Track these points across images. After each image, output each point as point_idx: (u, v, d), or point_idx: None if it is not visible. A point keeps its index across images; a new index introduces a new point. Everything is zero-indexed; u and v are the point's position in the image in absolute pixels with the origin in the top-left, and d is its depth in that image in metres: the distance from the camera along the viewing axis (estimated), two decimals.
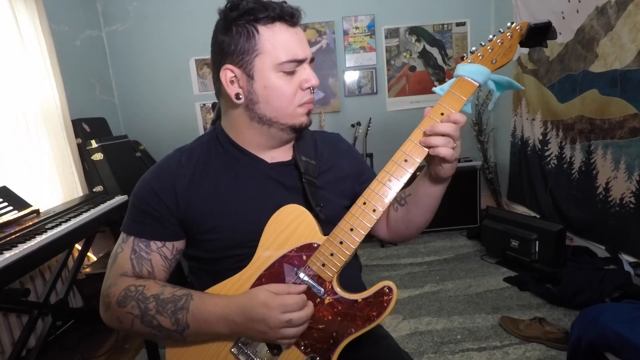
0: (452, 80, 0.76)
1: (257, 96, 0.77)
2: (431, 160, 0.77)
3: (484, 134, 3.54)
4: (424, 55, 3.52)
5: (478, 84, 0.75)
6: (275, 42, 0.74)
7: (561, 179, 2.71)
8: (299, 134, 0.86)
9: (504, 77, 0.77)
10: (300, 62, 0.77)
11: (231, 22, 0.74)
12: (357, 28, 3.44)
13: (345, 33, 3.44)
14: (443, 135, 0.71)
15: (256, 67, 0.75)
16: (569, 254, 2.39)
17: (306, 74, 0.78)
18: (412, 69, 3.54)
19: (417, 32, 3.47)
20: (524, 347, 1.77)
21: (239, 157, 0.84)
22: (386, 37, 3.47)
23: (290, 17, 0.75)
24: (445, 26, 3.48)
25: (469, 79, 0.74)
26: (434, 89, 0.78)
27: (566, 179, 2.65)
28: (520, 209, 3.25)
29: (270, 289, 0.72)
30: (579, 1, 2.36)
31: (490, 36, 0.76)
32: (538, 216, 2.88)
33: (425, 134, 0.73)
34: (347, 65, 3.50)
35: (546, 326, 1.80)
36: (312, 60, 0.80)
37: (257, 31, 0.73)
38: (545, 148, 2.88)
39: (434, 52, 3.51)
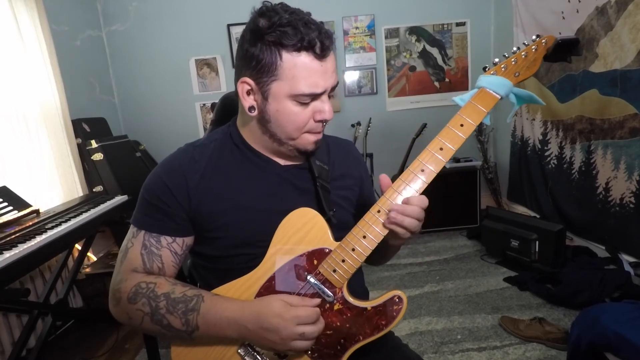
0: (474, 91, 0.75)
1: (269, 116, 0.76)
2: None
3: (484, 134, 3.54)
4: (424, 55, 3.52)
5: (500, 97, 0.73)
6: (296, 72, 0.70)
7: (561, 179, 2.71)
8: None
9: (526, 90, 0.76)
10: (318, 95, 0.75)
11: (258, 37, 0.70)
12: (357, 28, 3.44)
13: (345, 33, 3.44)
14: (411, 217, 0.71)
15: (272, 90, 0.73)
16: (569, 254, 2.39)
17: (321, 106, 0.76)
18: (412, 69, 3.54)
19: (417, 32, 3.47)
20: (524, 347, 1.76)
21: (252, 158, 0.84)
22: (386, 37, 3.47)
23: (319, 50, 0.70)
24: (445, 26, 3.48)
25: (491, 91, 0.73)
26: (453, 98, 0.77)
27: (566, 179, 2.65)
28: (520, 209, 3.25)
29: (284, 299, 0.72)
30: (579, 1, 2.36)
31: (514, 48, 0.75)
32: (538, 216, 2.88)
33: (394, 212, 0.71)
34: (347, 65, 3.50)
35: (546, 326, 1.80)
36: (334, 87, 0.77)
37: (281, 57, 0.70)
38: (545, 148, 2.88)
39: (434, 52, 3.51)
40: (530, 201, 3.13)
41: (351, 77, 3.53)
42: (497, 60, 0.76)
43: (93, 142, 2.53)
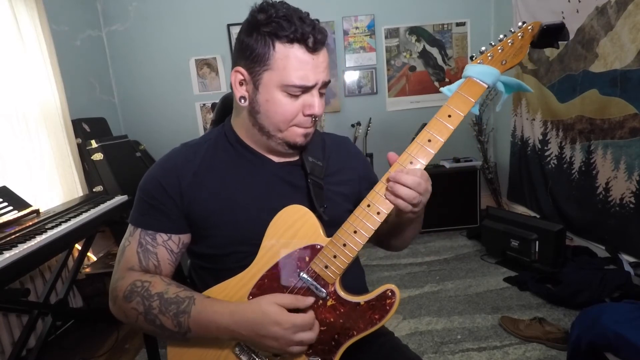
0: (461, 81, 0.75)
1: (258, 106, 0.77)
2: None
3: (484, 134, 3.54)
4: (424, 55, 3.52)
5: (487, 86, 0.73)
6: (288, 63, 0.72)
7: (561, 179, 2.71)
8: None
9: (514, 79, 0.76)
10: (308, 88, 0.75)
11: (254, 27, 0.73)
12: (357, 28, 3.44)
13: (345, 33, 3.44)
14: (408, 187, 0.70)
15: (263, 80, 0.74)
16: (569, 254, 2.39)
17: (311, 100, 0.76)
18: (412, 69, 3.54)
19: (417, 32, 3.47)
20: (524, 347, 1.76)
21: (246, 155, 0.84)
22: (386, 37, 3.47)
23: (312, 44, 0.72)
24: (445, 26, 3.48)
25: (478, 80, 0.73)
26: (441, 89, 0.77)
27: (566, 179, 2.65)
28: (520, 209, 3.25)
29: (278, 301, 0.71)
30: (579, 1, 2.36)
31: (501, 36, 0.74)
32: (538, 216, 2.88)
33: (390, 181, 0.71)
34: (347, 65, 3.50)
35: (546, 326, 1.80)
36: (326, 84, 0.77)
37: (274, 47, 0.72)
38: (545, 148, 2.88)
39: (434, 52, 3.51)
40: (530, 201, 3.13)
41: (351, 77, 3.53)
42: (483, 48, 0.75)
43: (93, 142, 2.52)
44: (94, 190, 2.52)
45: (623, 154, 2.15)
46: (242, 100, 0.78)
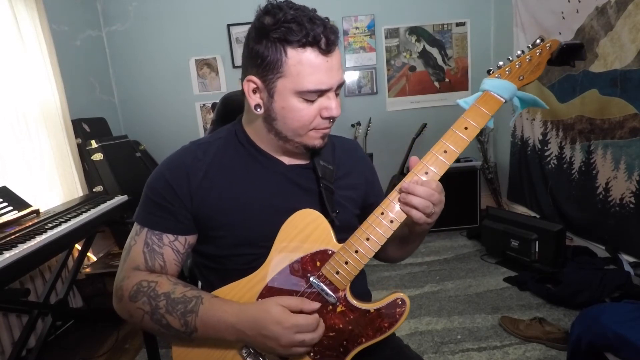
0: (478, 94, 0.75)
1: (275, 114, 0.76)
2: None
3: (484, 134, 3.54)
4: (424, 55, 3.52)
5: (504, 100, 0.74)
6: (302, 68, 0.70)
7: (561, 179, 2.71)
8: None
9: (530, 94, 0.76)
10: (324, 92, 0.74)
11: (263, 34, 0.70)
12: (357, 28, 3.44)
13: (345, 33, 3.44)
14: (421, 197, 0.70)
15: (278, 88, 0.73)
16: (569, 254, 2.39)
17: (328, 102, 0.75)
18: (412, 69, 3.54)
19: (417, 32, 3.47)
20: (524, 347, 1.76)
21: (257, 156, 0.84)
22: (386, 37, 3.47)
23: (324, 46, 0.70)
24: (445, 26, 3.48)
25: (495, 95, 0.73)
26: (457, 101, 0.77)
27: (566, 179, 2.65)
28: (520, 209, 3.25)
29: (282, 302, 0.71)
30: (579, 1, 2.36)
31: (519, 52, 0.75)
32: (538, 216, 2.88)
33: (402, 191, 0.71)
34: (347, 65, 3.50)
35: (546, 326, 1.80)
36: (340, 85, 0.76)
37: (286, 53, 0.69)
38: (545, 148, 2.88)
39: (434, 52, 3.51)
40: (530, 201, 3.13)
41: (351, 77, 3.53)
42: (501, 63, 0.76)
43: (93, 142, 2.53)
44: (94, 190, 2.53)
45: (623, 154, 2.15)
46: (258, 109, 0.77)
